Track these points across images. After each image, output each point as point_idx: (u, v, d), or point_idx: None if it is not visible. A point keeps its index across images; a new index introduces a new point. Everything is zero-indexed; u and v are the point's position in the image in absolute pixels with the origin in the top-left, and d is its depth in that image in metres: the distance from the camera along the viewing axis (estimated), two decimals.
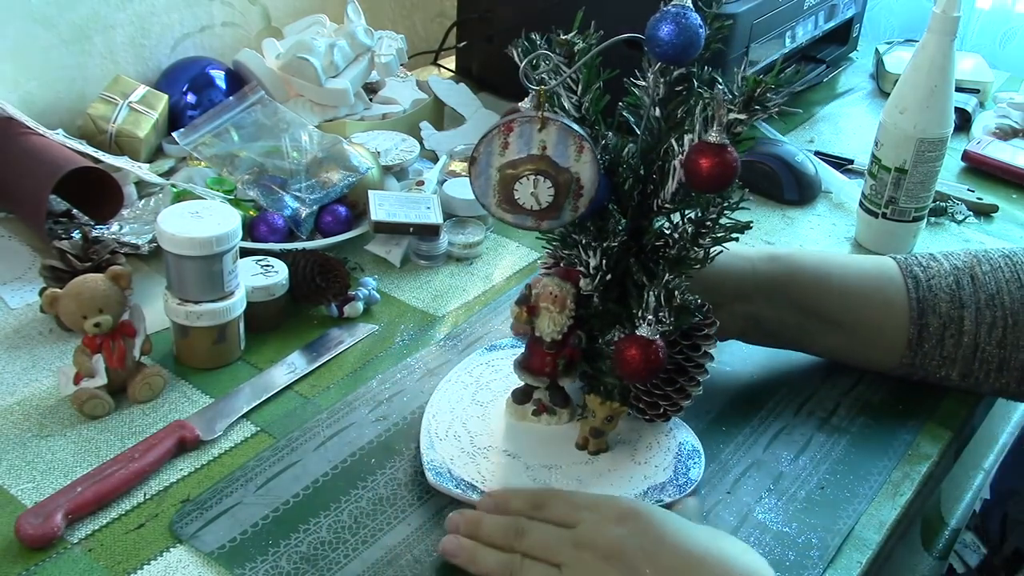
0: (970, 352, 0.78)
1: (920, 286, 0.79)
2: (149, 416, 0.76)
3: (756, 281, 0.79)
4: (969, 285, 0.78)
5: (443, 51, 1.39)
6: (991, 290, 0.78)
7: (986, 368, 0.78)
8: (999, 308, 0.77)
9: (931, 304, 0.78)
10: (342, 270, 0.89)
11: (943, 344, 0.78)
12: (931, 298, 0.78)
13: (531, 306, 0.69)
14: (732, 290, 0.78)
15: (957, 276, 0.79)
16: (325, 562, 0.64)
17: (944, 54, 0.95)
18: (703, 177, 0.60)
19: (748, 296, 0.79)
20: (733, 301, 0.79)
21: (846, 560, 0.68)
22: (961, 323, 0.78)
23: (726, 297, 0.78)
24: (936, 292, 0.78)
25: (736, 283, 0.78)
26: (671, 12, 0.59)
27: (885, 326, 0.79)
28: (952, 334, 0.78)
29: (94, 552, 0.64)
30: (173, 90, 1.10)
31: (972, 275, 0.79)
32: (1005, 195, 1.18)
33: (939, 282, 0.79)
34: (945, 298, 0.78)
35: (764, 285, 0.79)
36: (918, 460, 0.77)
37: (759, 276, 0.79)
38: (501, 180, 0.62)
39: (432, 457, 0.71)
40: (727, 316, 0.78)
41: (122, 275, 0.75)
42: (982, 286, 0.78)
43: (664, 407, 0.71)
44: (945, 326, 0.78)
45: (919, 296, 0.78)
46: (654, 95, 0.64)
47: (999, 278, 0.78)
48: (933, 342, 0.78)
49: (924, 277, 0.79)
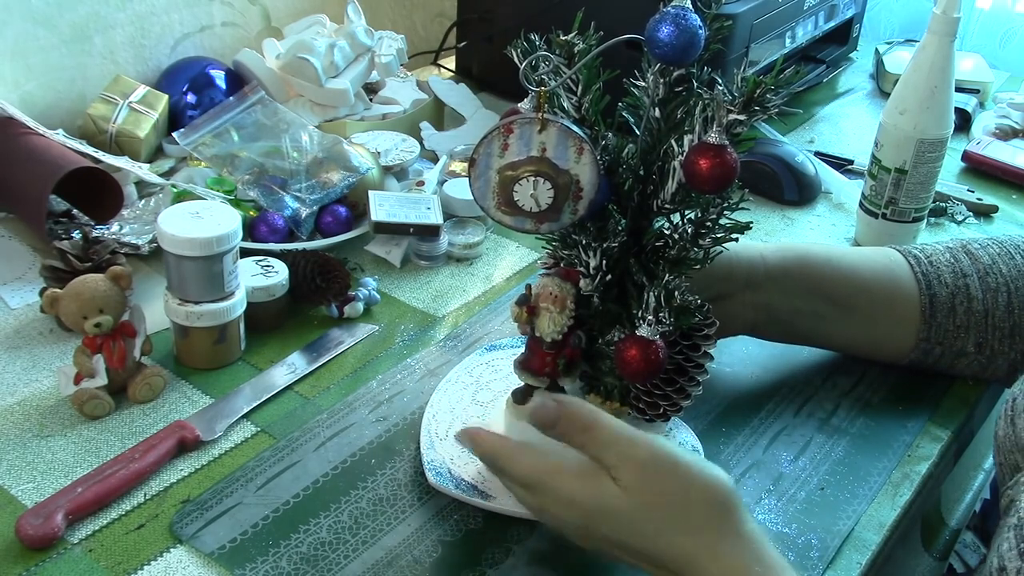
0: (981, 318, 0.80)
1: (921, 262, 0.82)
2: (149, 416, 0.76)
3: (767, 268, 0.79)
4: (966, 258, 0.82)
5: (443, 51, 1.39)
6: (986, 261, 0.81)
7: (999, 335, 0.80)
8: (999, 275, 0.81)
9: (935, 276, 0.81)
10: (342, 270, 0.89)
11: (955, 312, 0.80)
12: (934, 271, 0.81)
13: (531, 306, 0.69)
14: (743, 279, 0.79)
15: (953, 253, 0.83)
16: (325, 563, 0.64)
17: (944, 55, 0.95)
18: (703, 178, 0.60)
19: (759, 285, 0.79)
20: (744, 290, 0.79)
21: (846, 561, 0.68)
22: (967, 290, 0.80)
23: (737, 286, 0.78)
24: (937, 266, 0.82)
25: (747, 272, 0.79)
26: (671, 13, 0.59)
27: (898, 302, 0.81)
28: (962, 301, 0.80)
29: (94, 552, 0.64)
30: (173, 90, 1.10)
31: (967, 251, 0.83)
32: (1005, 195, 1.18)
33: (937, 258, 0.82)
34: (947, 271, 0.81)
35: (775, 272, 0.80)
36: (918, 461, 0.77)
37: (769, 264, 0.80)
38: (500, 182, 0.62)
39: (432, 457, 0.71)
40: (739, 307, 0.79)
41: (122, 275, 0.75)
42: (978, 258, 0.82)
43: (664, 407, 0.71)
44: (953, 295, 0.80)
45: (923, 270, 0.81)
46: (654, 96, 0.64)
47: (991, 252, 0.82)
48: (945, 311, 0.80)
49: (923, 256, 0.83)
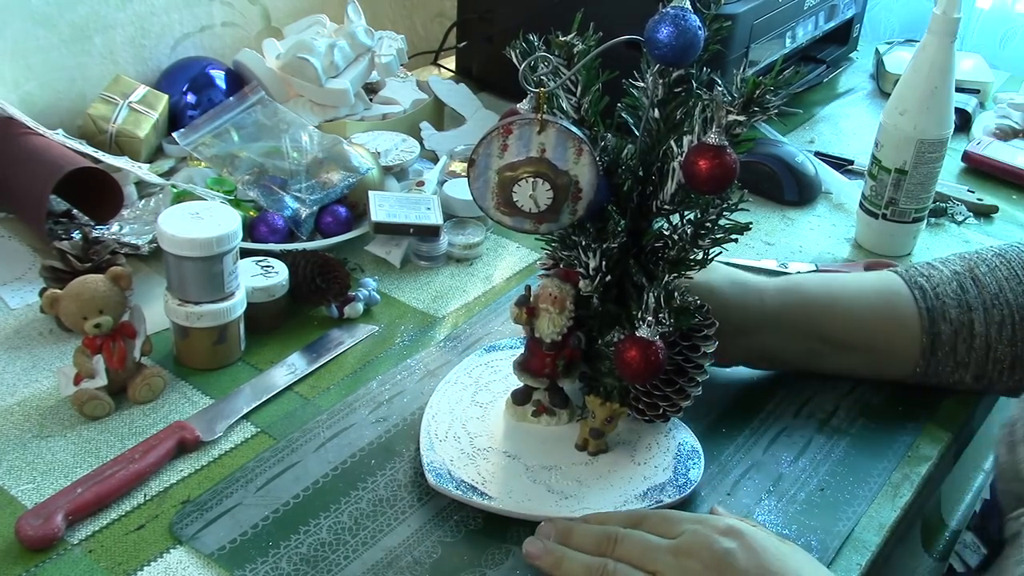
0: (983, 354, 0.78)
1: (927, 295, 0.79)
2: (149, 417, 0.76)
3: (764, 313, 0.78)
4: (972, 287, 0.79)
5: (443, 51, 1.39)
6: (994, 289, 0.78)
7: (999, 368, 0.79)
8: (1005, 306, 0.78)
9: (940, 312, 0.78)
10: (342, 271, 0.89)
11: (956, 350, 0.78)
12: (939, 306, 0.78)
13: (530, 307, 0.69)
14: (736, 323, 0.76)
15: (959, 280, 0.79)
16: (325, 563, 0.64)
17: (944, 55, 0.95)
18: (702, 178, 0.60)
19: (754, 328, 0.78)
20: (735, 334, 0.76)
21: (845, 562, 0.68)
22: (972, 326, 0.78)
23: (728, 328, 0.74)
24: (943, 299, 0.78)
25: (741, 317, 0.76)
26: (670, 14, 0.59)
27: (897, 341, 0.79)
28: (964, 338, 0.78)
29: (94, 553, 0.64)
30: (173, 90, 1.10)
31: (973, 277, 0.79)
32: (1005, 196, 1.18)
33: (944, 288, 0.79)
34: (953, 303, 0.78)
35: (771, 317, 0.78)
36: (918, 462, 0.77)
37: (767, 308, 0.78)
38: (500, 183, 0.62)
39: (432, 459, 0.71)
40: (729, 347, 0.76)
41: (122, 276, 0.75)
42: (984, 287, 0.78)
43: (663, 408, 0.71)
44: (957, 332, 0.78)
45: (928, 305, 0.78)
46: (653, 97, 0.64)
47: (999, 277, 0.79)
48: (946, 349, 0.78)
49: (929, 286, 0.79)
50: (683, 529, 0.62)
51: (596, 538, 0.63)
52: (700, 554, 0.60)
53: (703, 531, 0.61)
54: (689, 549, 0.60)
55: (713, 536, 0.60)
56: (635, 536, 0.62)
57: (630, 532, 0.63)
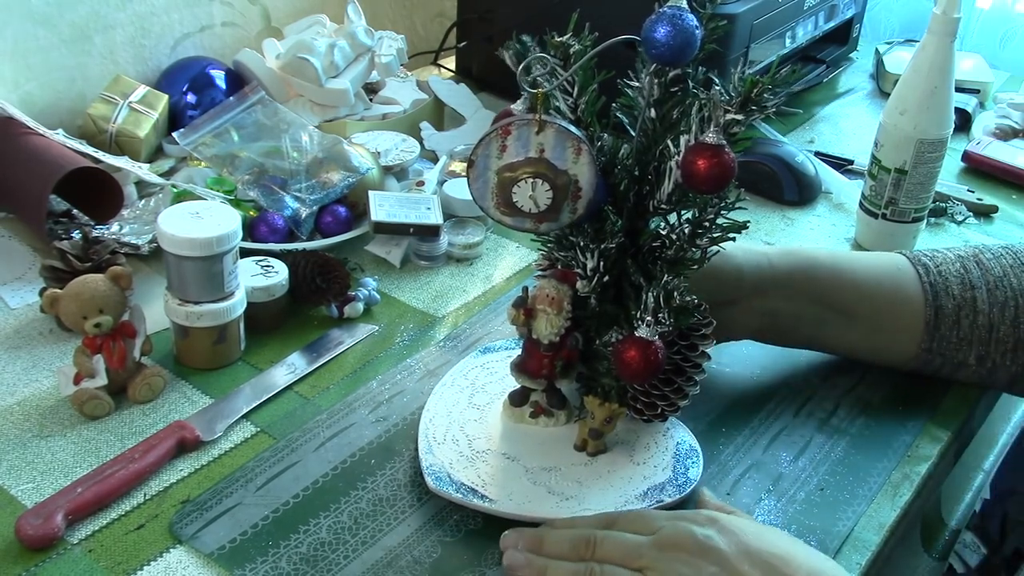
0: (986, 332, 0.79)
1: (930, 271, 0.81)
2: (149, 417, 0.76)
3: (774, 275, 0.79)
4: (976, 269, 0.80)
5: (443, 51, 1.39)
6: (997, 273, 0.80)
7: (1001, 349, 0.79)
8: (1008, 289, 0.79)
9: (943, 287, 0.80)
10: (342, 271, 0.89)
11: (959, 325, 0.79)
12: (942, 282, 0.80)
13: (528, 308, 0.69)
14: (751, 285, 0.78)
15: (963, 262, 0.81)
16: (325, 563, 0.65)
17: (944, 55, 0.95)
18: (701, 178, 0.60)
19: (766, 291, 0.79)
20: (753, 296, 0.79)
21: (845, 562, 0.68)
22: (974, 303, 0.79)
23: (747, 291, 0.78)
24: (946, 276, 0.80)
25: (755, 278, 0.79)
26: (667, 13, 0.59)
27: (901, 312, 0.80)
28: (967, 314, 0.79)
29: (94, 553, 0.64)
30: (173, 90, 1.10)
31: (977, 260, 0.81)
32: (1005, 196, 1.18)
33: (947, 267, 0.81)
34: (955, 281, 0.80)
35: (781, 279, 0.79)
36: (918, 461, 0.77)
37: (776, 270, 0.79)
38: (499, 183, 0.62)
39: (431, 462, 0.71)
40: (746, 312, 0.79)
41: (122, 275, 0.75)
42: (988, 270, 0.80)
43: (662, 407, 0.71)
44: (960, 307, 0.79)
45: (931, 280, 0.80)
46: (649, 96, 0.64)
47: (1003, 263, 0.81)
48: (949, 323, 0.79)
49: (932, 264, 0.81)
50: (661, 524, 0.63)
51: (571, 543, 0.63)
52: (684, 544, 0.60)
53: (682, 524, 0.62)
54: (673, 541, 0.61)
55: (692, 527, 0.61)
56: (614, 536, 0.63)
57: (608, 533, 0.63)
